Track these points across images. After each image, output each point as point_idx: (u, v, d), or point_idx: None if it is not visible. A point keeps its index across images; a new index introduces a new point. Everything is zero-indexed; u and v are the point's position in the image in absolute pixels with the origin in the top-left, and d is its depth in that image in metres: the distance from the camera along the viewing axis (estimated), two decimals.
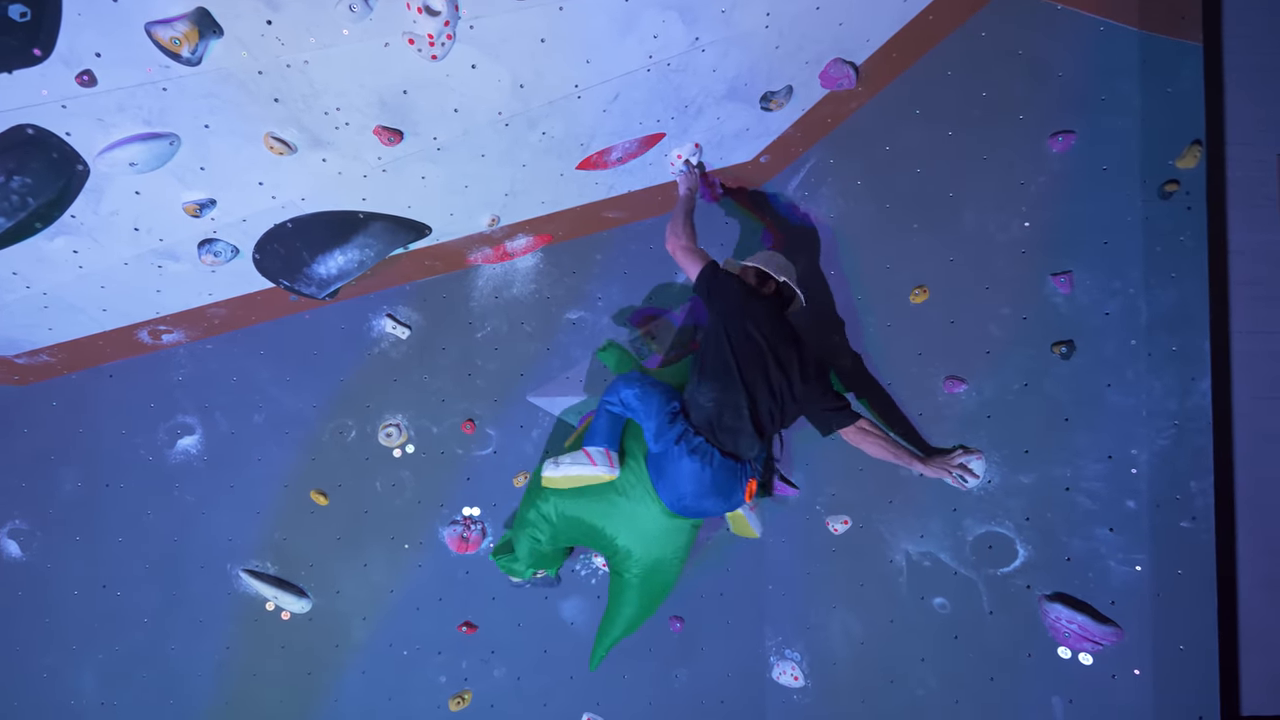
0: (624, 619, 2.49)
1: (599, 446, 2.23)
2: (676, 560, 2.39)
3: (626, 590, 2.43)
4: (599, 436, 2.26)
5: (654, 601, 2.47)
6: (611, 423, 2.28)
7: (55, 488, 2.64)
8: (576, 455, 2.23)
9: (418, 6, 1.80)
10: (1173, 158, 2.21)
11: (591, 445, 2.24)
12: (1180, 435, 2.19)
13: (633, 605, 2.45)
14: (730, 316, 2.18)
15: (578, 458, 2.21)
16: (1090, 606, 2.31)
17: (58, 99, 1.78)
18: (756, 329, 2.14)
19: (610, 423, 2.27)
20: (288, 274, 2.48)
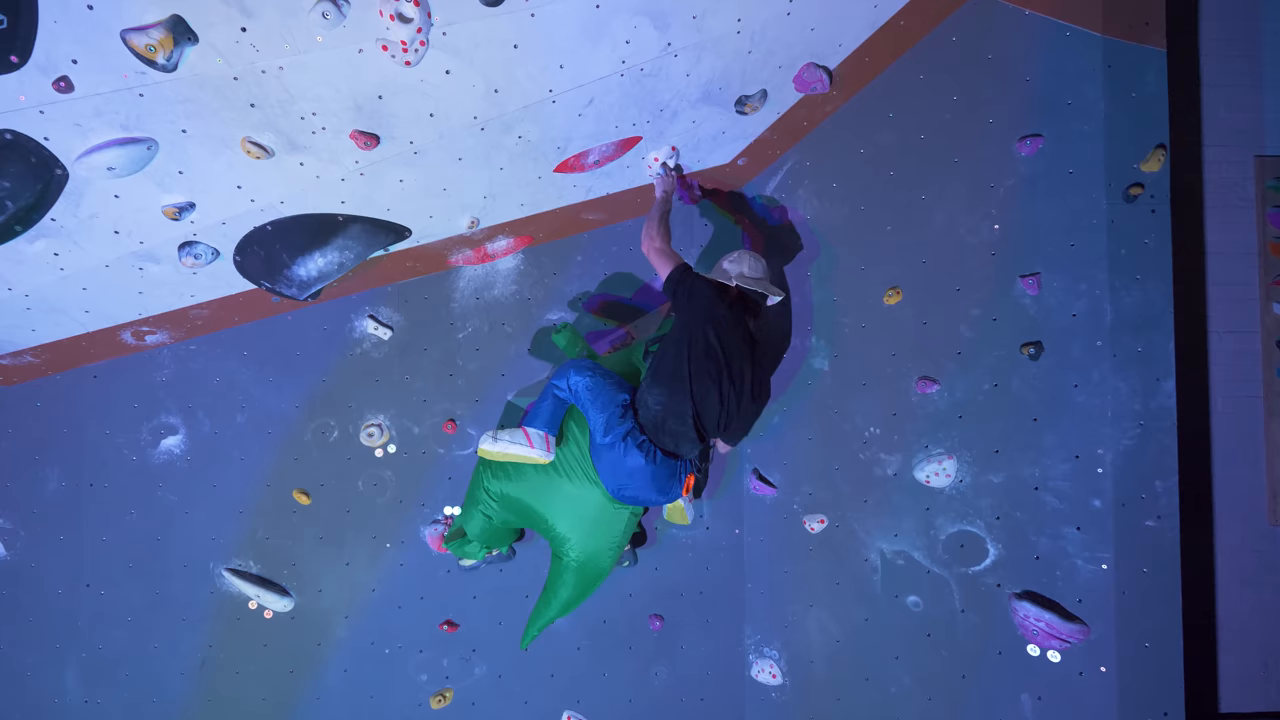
0: (559, 601, 2.51)
1: (539, 429, 2.25)
2: (615, 546, 2.41)
3: (565, 573, 2.45)
4: (540, 419, 2.28)
5: (590, 586, 2.49)
6: (556, 407, 2.30)
7: (39, 487, 2.67)
8: (515, 433, 2.26)
9: (390, 14, 1.83)
10: (1137, 161, 2.24)
11: (532, 426, 2.26)
12: (1145, 435, 2.22)
13: (569, 589, 2.47)
14: (694, 325, 2.18)
15: (516, 436, 2.24)
16: (1058, 604, 2.34)
17: (35, 104, 1.80)
18: (718, 339, 2.14)
19: (554, 407, 2.30)
20: (268, 276, 2.50)
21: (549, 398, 2.32)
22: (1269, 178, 2.93)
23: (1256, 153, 2.94)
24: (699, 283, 2.25)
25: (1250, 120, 2.95)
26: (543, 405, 2.31)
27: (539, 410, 2.31)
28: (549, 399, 2.31)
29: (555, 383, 2.31)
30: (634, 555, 2.77)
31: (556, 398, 2.31)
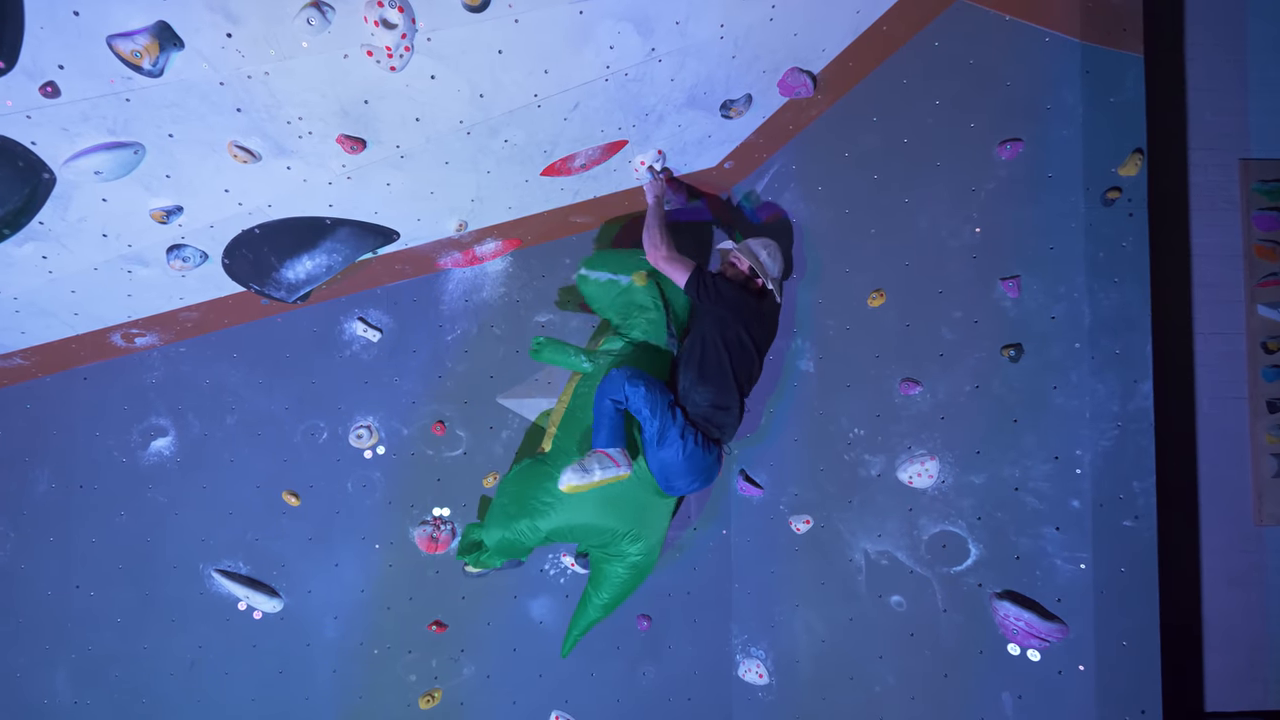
0: (601, 602, 2.54)
1: (616, 447, 2.21)
2: (663, 537, 2.53)
3: (616, 574, 2.48)
4: (614, 436, 2.22)
5: (640, 582, 2.54)
6: (617, 420, 2.25)
7: (29, 489, 2.68)
8: (600, 459, 2.18)
9: (375, 20, 1.85)
10: (1115, 165, 2.26)
11: (609, 447, 2.21)
12: (1123, 436, 2.25)
13: (615, 588, 2.51)
14: (727, 324, 2.33)
15: (603, 462, 2.17)
16: (1037, 604, 2.36)
17: (22, 109, 1.82)
18: (747, 332, 2.34)
19: (616, 420, 2.25)
20: (257, 278, 2.52)
21: (607, 412, 2.25)
22: (1254, 181, 2.95)
23: (1241, 156, 2.96)
24: (720, 281, 2.38)
25: (1235, 124, 2.98)
26: (608, 421, 2.25)
27: (606, 427, 2.24)
28: (608, 414, 2.25)
29: (611, 396, 2.25)
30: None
31: (615, 410, 2.26)
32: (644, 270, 2.49)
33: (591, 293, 2.62)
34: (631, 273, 2.51)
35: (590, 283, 2.61)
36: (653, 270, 2.48)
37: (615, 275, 2.54)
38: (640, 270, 2.49)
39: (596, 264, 2.61)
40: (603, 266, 2.59)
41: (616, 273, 2.54)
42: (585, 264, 2.64)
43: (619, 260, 2.58)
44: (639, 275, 2.49)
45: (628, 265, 2.55)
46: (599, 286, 2.58)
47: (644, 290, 2.50)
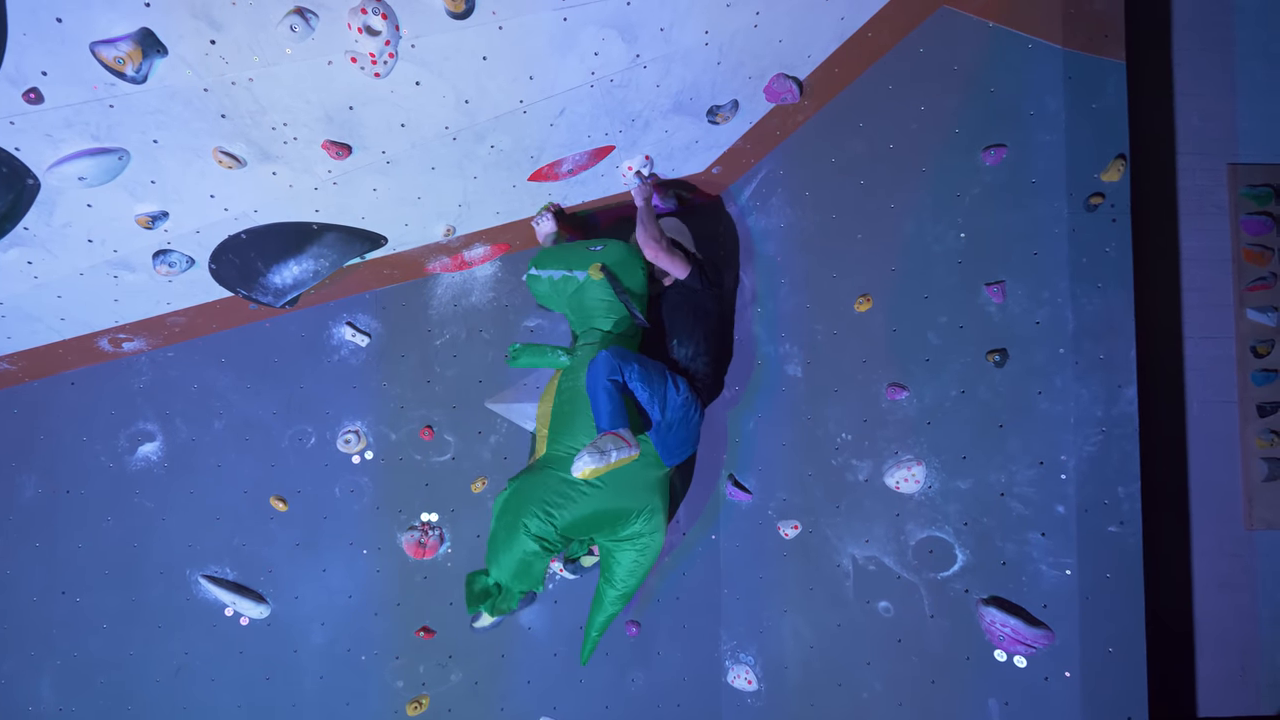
0: (618, 594, 2.50)
1: (620, 427, 2.16)
2: (668, 512, 2.53)
3: (629, 561, 2.45)
4: (619, 415, 2.18)
5: (650, 565, 2.53)
6: (618, 399, 2.21)
7: (15, 494, 2.68)
8: (613, 440, 2.12)
9: (358, 27, 1.86)
10: (1097, 171, 2.27)
11: (617, 427, 2.16)
12: (1107, 442, 2.25)
13: (630, 576, 2.48)
14: (725, 298, 2.54)
15: (616, 442, 2.12)
16: (1023, 610, 2.36)
17: (5, 116, 1.83)
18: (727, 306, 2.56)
19: (616, 400, 2.21)
20: (244, 283, 2.52)
21: (606, 394, 2.20)
22: (1242, 185, 2.96)
23: (1230, 160, 2.97)
24: (709, 264, 2.53)
25: (1223, 128, 2.99)
26: (608, 403, 2.20)
27: (607, 409, 2.20)
28: (606, 395, 2.20)
29: (607, 376, 2.21)
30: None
31: (612, 391, 2.22)
32: (597, 263, 2.46)
33: (544, 291, 2.59)
34: (585, 267, 2.48)
35: (542, 281, 2.57)
36: (604, 264, 2.46)
37: (569, 271, 2.50)
38: (595, 263, 2.47)
39: (547, 262, 2.56)
40: (554, 264, 2.54)
41: (571, 269, 2.50)
42: (535, 263, 2.59)
43: (570, 256, 2.53)
44: (594, 269, 2.46)
45: (581, 259, 2.50)
46: (552, 285, 2.55)
47: (600, 284, 2.46)
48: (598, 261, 2.46)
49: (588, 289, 2.48)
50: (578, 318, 2.55)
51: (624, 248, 2.52)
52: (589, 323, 2.52)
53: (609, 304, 2.49)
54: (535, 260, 2.59)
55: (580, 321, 2.55)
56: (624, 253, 2.50)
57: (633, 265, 2.50)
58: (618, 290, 2.45)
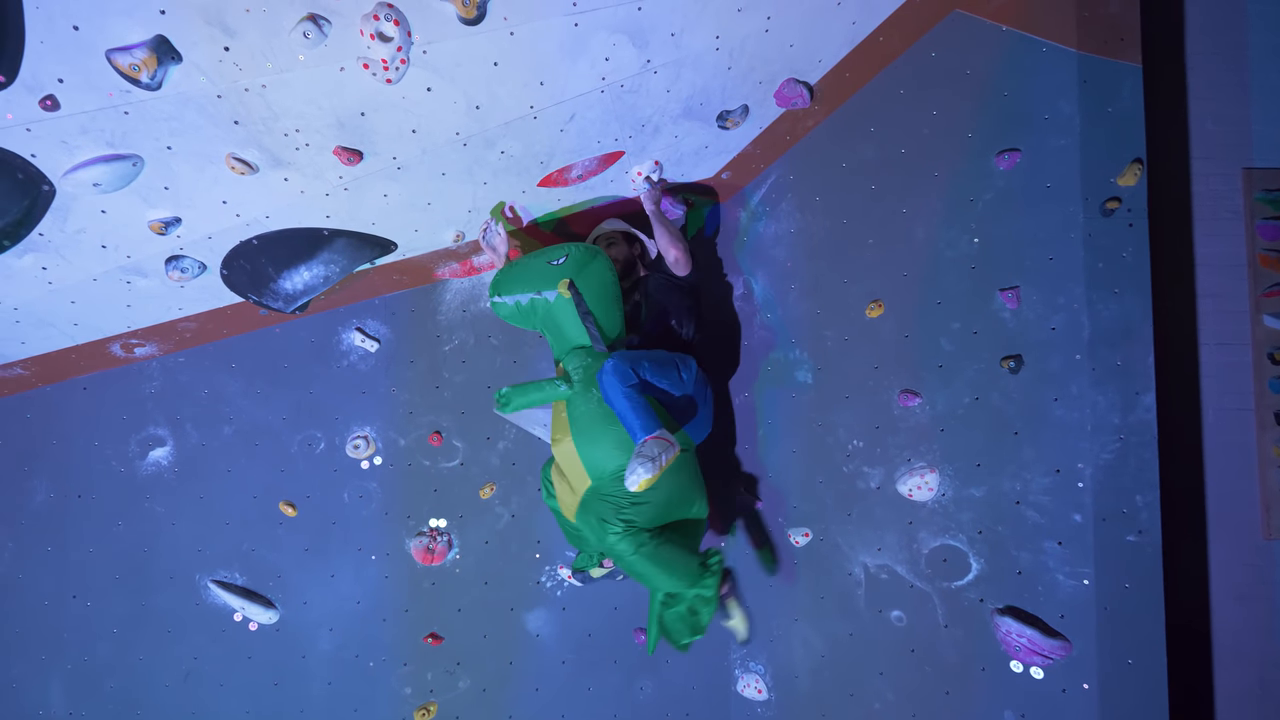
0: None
1: (656, 430, 2.11)
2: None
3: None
4: (649, 420, 2.12)
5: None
6: (643, 402, 2.15)
7: (27, 498, 2.69)
8: (656, 444, 2.07)
9: (371, 33, 1.86)
10: (1114, 175, 2.24)
11: (648, 432, 2.10)
12: (1124, 449, 2.21)
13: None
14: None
15: (660, 445, 2.07)
16: (1040, 620, 2.32)
17: (22, 122, 1.84)
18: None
19: (643, 402, 2.15)
20: (255, 289, 2.53)
21: (629, 403, 2.14)
22: (1257, 190, 2.92)
23: (1244, 165, 2.93)
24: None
25: (1238, 133, 2.95)
26: (632, 410, 2.13)
27: (634, 418, 2.13)
28: (630, 404, 2.14)
29: (626, 385, 2.15)
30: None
31: (634, 397, 2.15)
32: (565, 279, 2.30)
33: (510, 315, 2.42)
34: (553, 285, 2.30)
35: (509, 308, 2.40)
36: (572, 280, 2.30)
37: (536, 293, 2.33)
38: (562, 280, 2.30)
39: (509, 286, 2.39)
40: (518, 287, 2.37)
41: (538, 289, 2.33)
42: (496, 289, 2.42)
43: (533, 275, 2.35)
44: (562, 286, 2.29)
45: (546, 277, 2.33)
46: (520, 310, 2.39)
47: (570, 302, 2.31)
48: (564, 277, 2.29)
49: (559, 309, 2.32)
50: (555, 338, 2.39)
51: (585, 251, 2.38)
52: (571, 342, 2.36)
53: (573, 324, 2.33)
54: (495, 285, 2.43)
55: (559, 342, 2.38)
56: (587, 256, 2.36)
57: (599, 267, 2.36)
58: (582, 312, 2.29)
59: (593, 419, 2.24)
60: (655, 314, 2.51)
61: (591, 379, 2.27)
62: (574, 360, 2.33)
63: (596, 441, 2.23)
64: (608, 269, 2.38)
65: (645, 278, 2.60)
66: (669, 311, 2.50)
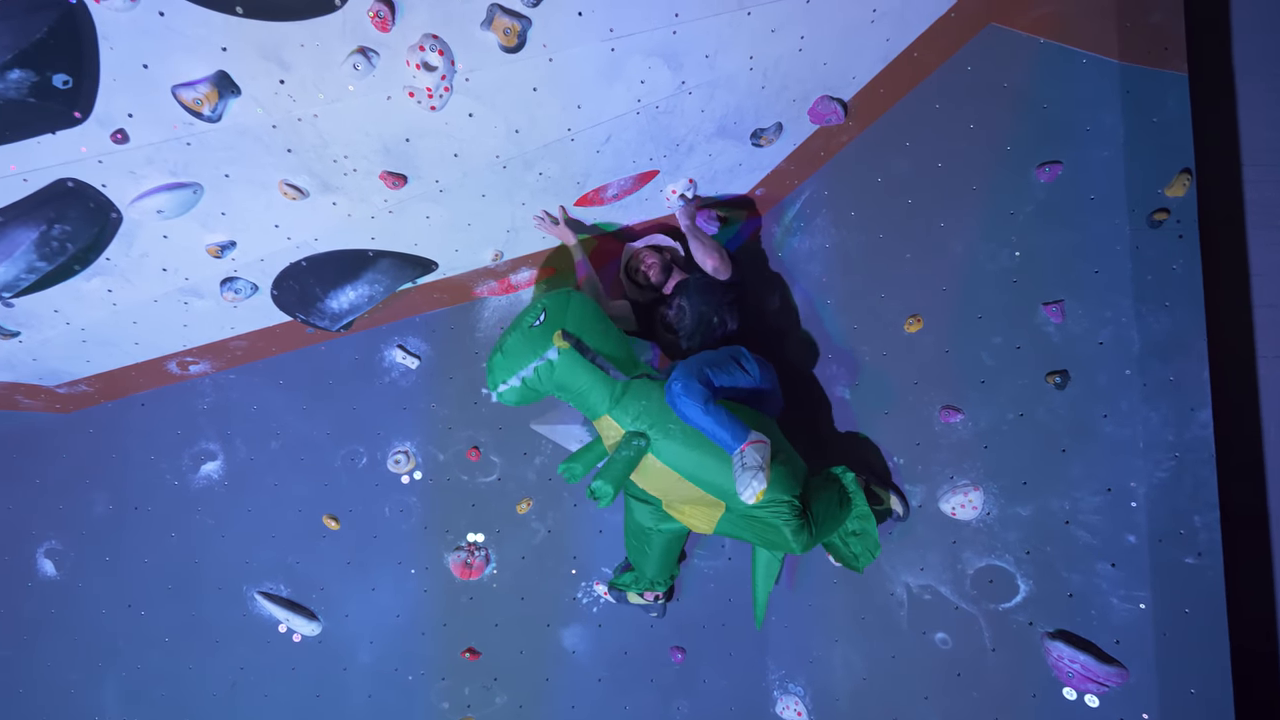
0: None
1: (748, 434, 2.09)
2: None
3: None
4: (737, 428, 2.09)
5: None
6: (724, 414, 2.12)
7: (88, 510, 2.81)
8: (754, 449, 2.06)
9: (417, 63, 1.94)
10: (1161, 186, 2.18)
11: (742, 438, 2.08)
12: (1180, 467, 2.12)
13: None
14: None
15: (757, 449, 2.06)
16: (1094, 645, 2.23)
17: (95, 155, 1.96)
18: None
19: (724, 414, 2.12)
20: (303, 308, 2.62)
21: (712, 418, 2.09)
22: None
23: None
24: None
25: None
26: (717, 424, 2.09)
27: (722, 432, 2.09)
28: (713, 419, 2.09)
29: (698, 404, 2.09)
30: (663, 608, 2.74)
31: (714, 410, 2.11)
32: (557, 331, 2.13)
33: (520, 396, 2.22)
34: (548, 343, 2.12)
35: (516, 391, 2.20)
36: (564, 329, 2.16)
37: (538, 359, 2.14)
38: (554, 332, 2.12)
39: (505, 370, 2.18)
40: (515, 365, 2.17)
41: (538, 355, 2.14)
42: (494, 380, 2.20)
43: (523, 348, 2.17)
44: (557, 338, 2.12)
45: (536, 342, 2.14)
46: (529, 387, 2.20)
47: (570, 351, 2.14)
48: (552, 331, 2.13)
49: (566, 364, 2.15)
50: (576, 396, 2.23)
51: (557, 297, 2.22)
52: (594, 391, 2.19)
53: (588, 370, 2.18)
54: (491, 377, 2.23)
55: (584, 397, 2.22)
56: (561, 300, 2.21)
57: (576, 304, 2.22)
58: (589, 356, 2.16)
59: (688, 451, 2.15)
60: (698, 314, 2.54)
61: (659, 418, 2.16)
62: (629, 409, 2.19)
63: (706, 468, 2.15)
64: (583, 301, 2.25)
65: (685, 281, 2.61)
66: (711, 309, 2.54)
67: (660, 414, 2.17)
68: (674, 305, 2.58)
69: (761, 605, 2.49)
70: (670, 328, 2.59)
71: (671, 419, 2.17)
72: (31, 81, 1.76)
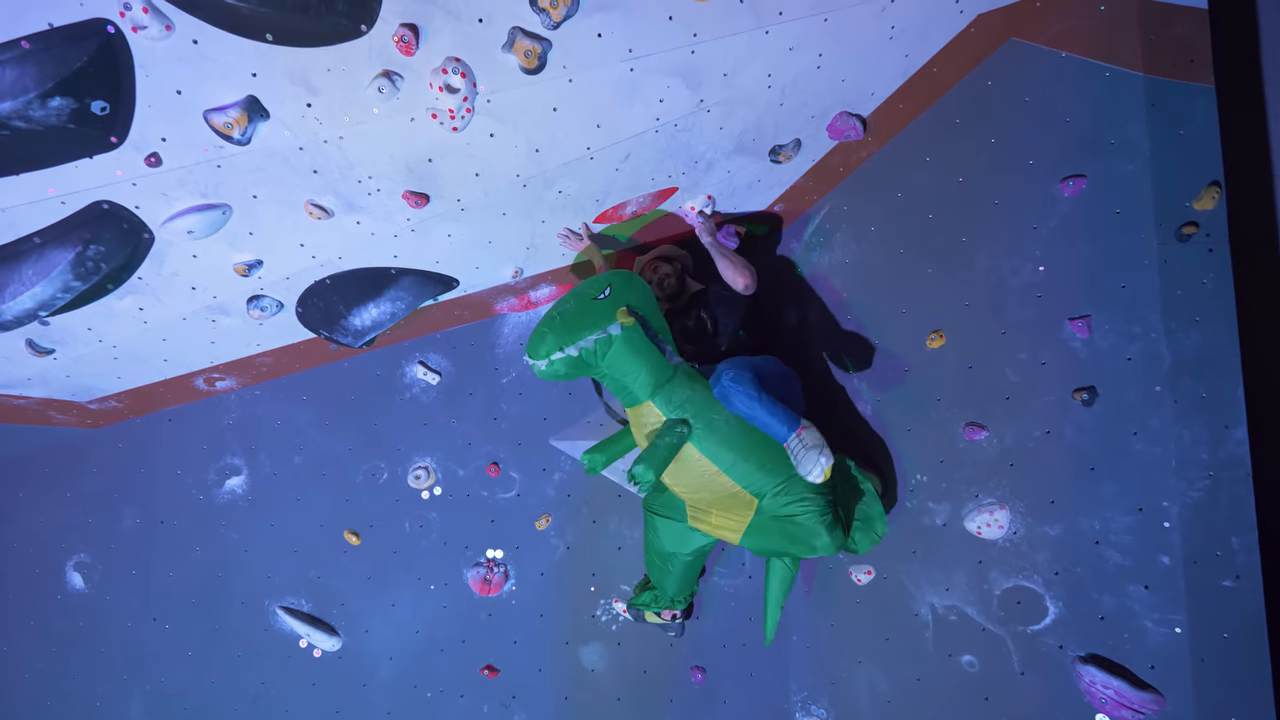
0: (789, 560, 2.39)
1: (800, 421, 2.09)
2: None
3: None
4: (789, 415, 2.08)
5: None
6: (774, 402, 2.10)
7: (116, 524, 2.86)
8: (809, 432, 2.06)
9: (439, 85, 1.98)
10: (1189, 199, 2.14)
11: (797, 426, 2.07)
12: (1215, 487, 2.06)
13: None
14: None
15: (811, 433, 2.07)
16: (1128, 670, 2.16)
17: (129, 178, 2.02)
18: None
19: (774, 403, 2.10)
20: (327, 325, 2.66)
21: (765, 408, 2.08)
22: None
23: None
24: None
25: None
26: (771, 417, 2.07)
27: (775, 421, 2.07)
28: (766, 409, 2.08)
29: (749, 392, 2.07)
30: (682, 627, 2.72)
31: (765, 400, 2.10)
32: (622, 307, 2.07)
33: (566, 370, 2.09)
34: (613, 318, 2.06)
35: (565, 362, 2.07)
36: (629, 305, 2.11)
37: (601, 332, 2.06)
38: (619, 306, 2.06)
39: (562, 338, 2.06)
40: (575, 335, 2.06)
41: (600, 328, 2.05)
42: (547, 346, 2.06)
43: (584, 316, 2.07)
44: (621, 314, 2.05)
45: (600, 314, 2.06)
46: (580, 360, 2.09)
47: (634, 328, 2.08)
48: (618, 306, 2.07)
49: (627, 340, 2.08)
50: (622, 379, 2.14)
51: (622, 276, 2.17)
52: (641, 375, 2.12)
53: (646, 351, 2.12)
54: (543, 343, 2.07)
55: (629, 381, 2.13)
56: (626, 279, 2.17)
57: (639, 285, 2.21)
58: (650, 334, 2.12)
59: (730, 442, 2.11)
60: (721, 326, 2.55)
61: (703, 408, 2.13)
62: (674, 396, 2.13)
63: (747, 460, 2.12)
64: (644, 284, 2.24)
65: (702, 291, 2.62)
66: (733, 319, 2.55)
67: (704, 404, 2.14)
68: (694, 317, 2.58)
69: (773, 622, 2.45)
70: (693, 338, 2.58)
71: (715, 410, 2.14)
72: (71, 108, 1.82)
